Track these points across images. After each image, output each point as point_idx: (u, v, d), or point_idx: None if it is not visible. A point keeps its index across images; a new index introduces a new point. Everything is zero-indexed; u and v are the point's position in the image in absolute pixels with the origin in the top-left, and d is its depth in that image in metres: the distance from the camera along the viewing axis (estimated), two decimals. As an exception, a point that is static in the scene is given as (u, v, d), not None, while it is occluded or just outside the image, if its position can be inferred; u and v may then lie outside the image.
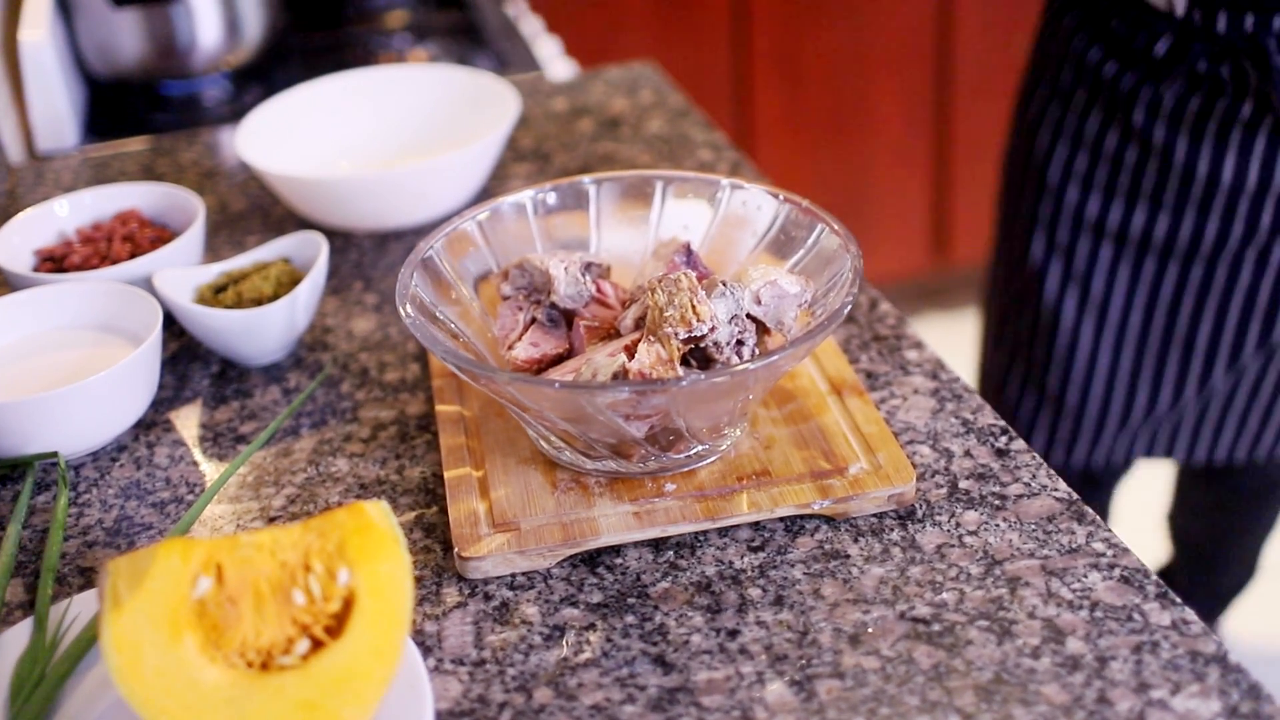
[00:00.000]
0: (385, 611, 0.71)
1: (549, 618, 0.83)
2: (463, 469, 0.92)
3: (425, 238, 0.97)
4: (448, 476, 0.92)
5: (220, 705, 0.69)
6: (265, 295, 1.08)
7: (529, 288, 0.97)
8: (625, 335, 0.92)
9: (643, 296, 0.93)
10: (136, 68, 1.79)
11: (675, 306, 0.86)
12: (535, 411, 0.86)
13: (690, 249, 0.98)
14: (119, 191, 1.25)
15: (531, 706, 0.76)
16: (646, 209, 1.03)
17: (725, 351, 0.88)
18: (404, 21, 2.10)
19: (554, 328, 0.96)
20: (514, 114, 1.35)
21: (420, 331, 0.88)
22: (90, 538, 0.93)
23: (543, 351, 0.94)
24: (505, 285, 0.98)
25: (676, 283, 0.88)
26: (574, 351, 0.94)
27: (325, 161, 1.43)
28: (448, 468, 0.93)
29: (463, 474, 0.92)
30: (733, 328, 0.89)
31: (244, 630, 0.71)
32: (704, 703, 0.76)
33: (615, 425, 0.85)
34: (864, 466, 0.90)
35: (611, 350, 0.89)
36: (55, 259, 1.18)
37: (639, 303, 0.93)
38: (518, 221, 1.02)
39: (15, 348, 1.07)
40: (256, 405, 1.06)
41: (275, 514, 0.94)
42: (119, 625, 0.68)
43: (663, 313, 0.87)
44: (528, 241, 1.02)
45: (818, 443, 0.93)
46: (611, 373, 0.85)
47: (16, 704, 0.76)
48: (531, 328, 0.96)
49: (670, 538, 0.88)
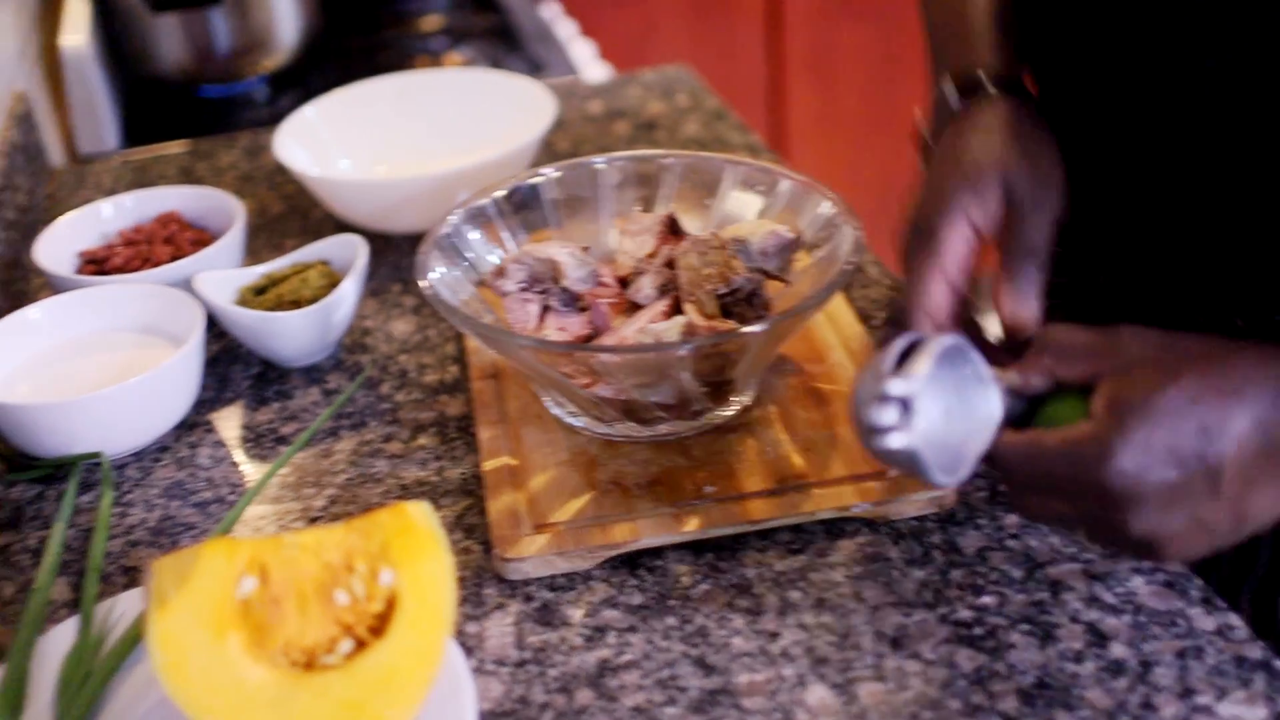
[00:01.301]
0: (428, 612, 0.71)
1: (590, 619, 0.83)
2: (500, 459, 0.93)
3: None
4: (486, 468, 0.92)
5: (264, 704, 0.69)
6: (305, 297, 1.08)
7: (530, 279, 0.98)
8: (648, 305, 0.96)
9: (649, 267, 0.98)
10: (175, 71, 1.81)
11: (711, 265, 0.92)
12: (585, 381, 0.89)
13: (674, 218, 1.03)
14: (160, 194, 1.26)
15: (573, 707, 0.77)
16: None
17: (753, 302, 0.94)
18: (440, 25, 2.11)
19: (569, 312, 0.98)
20: (550, 117, 1.35)
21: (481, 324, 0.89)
22: (134, 537, 0.94)
23: (573, 334, 0.96)
24: (504, 281, 0.98)
25: (708, 243, 0.94)
26: (598, 330, 0.96)
27: (363, 164, 1.44)
28: (485, 460, 0.93)
29: (500, 466, 0.93)
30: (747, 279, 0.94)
31: (288, 630, 0.71)
32: (745, 705, 0.76)
33: (683, 380, 0.88)
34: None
35: (648, 319, 0.93)
36: (97, 261, 1.19)
37: (650, 273, 0.97)
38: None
39: (59, 349, 1.08)
40: (297, 406, 1.07)
41: (316, 515, 0.94)
42: (165, 624, 0.69)
43: (698, 273, 0.92)
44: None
45: (857, 445, 0.93)
46: (678, 333, 0.88)
47: (64, 701, 0.77)
48: (548, 315, 0.97)
49: (710, 540, 0.88)
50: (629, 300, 0.98)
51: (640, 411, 0.92)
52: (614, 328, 0.95)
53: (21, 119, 1.46)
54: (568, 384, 0.90)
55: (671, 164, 1.08)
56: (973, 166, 0.78)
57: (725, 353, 0.88)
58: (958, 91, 0.85)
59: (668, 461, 0.93)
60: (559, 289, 0.98)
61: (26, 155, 1.44)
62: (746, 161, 1.06)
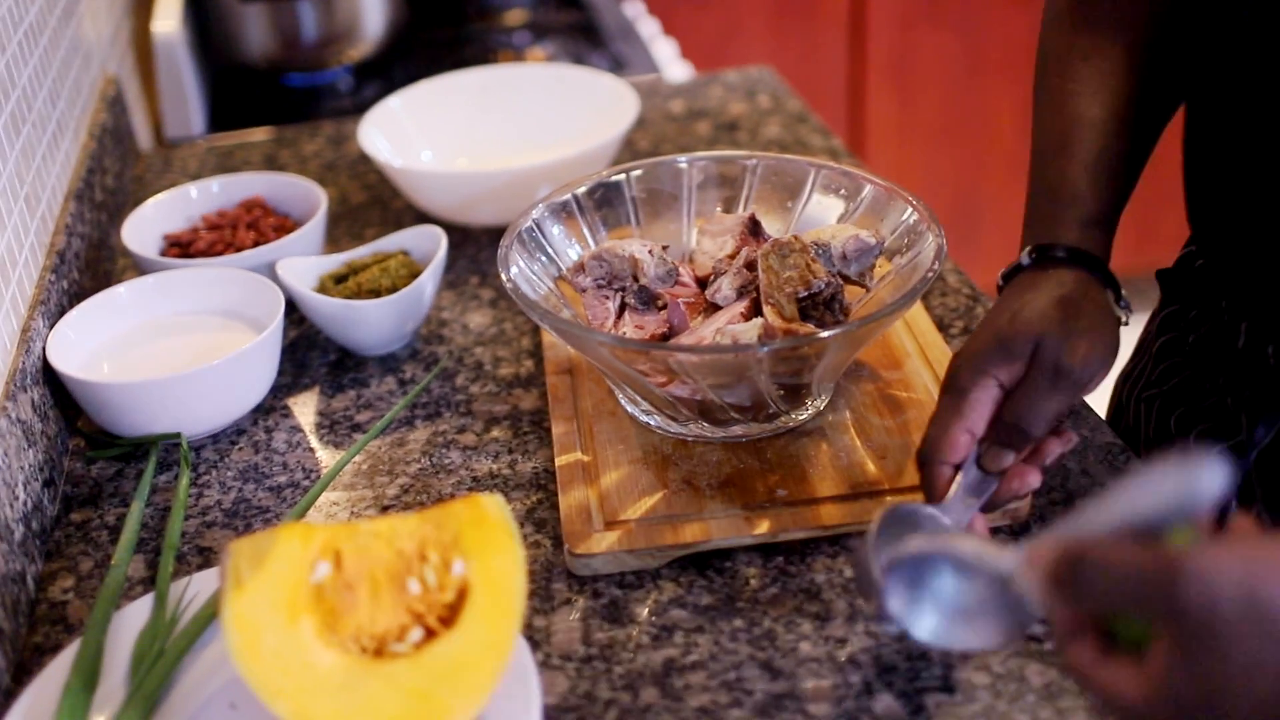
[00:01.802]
0: (498, 604, 0.71)
1: (657, 618, 0.83)
2: (573, 454, 0.94)
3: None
4: (559, 463, 0.93)
5: (334, 688, 0.70)
6: (384, 286, 1.09)
7: (608, 276, 0.98)
8: (727, 306, 0.96)
9: (729, 268, 0.98)
10: (261, 60, 1.83)
11: (792, 267, 0.92)
12: (661, 380, 0.89)
13: (756, 219, 1.03)
14: (245, 180, 1.28)
15: (638, 705, 0.77)
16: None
17: (832, 307, 0.94)
18: (523, 19, 2.12)
19: (647, 310, 0.98)
20: (633, 114, 1.35)
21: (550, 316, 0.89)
22: (209, 518, 0.95)
23: (649, 332, 0.96)
24: (583, 278, 0.99)
25: (789, 245, 0.94)
26: (675, 329, 0.96)
27: (445, 156, 1.45)
28: (558, 455, 0.94)
29: (573, 462, 0.93)
30: (827, 284, 0.94)
31: (359, 616, 0.72)
32: (811, 710, 0.75)
33: (760, 382, 0.88)
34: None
35: (726, 320, 0.93)
36: (182, 244, 1.20)
37: (730, 273, 0.97)
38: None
39: (142, 330, 1.09)
40: (372, 395, 1.07)
41: (389, 503, 0.95)
42: (239, 605, 0.70)
43: (779, 275, 0.92)
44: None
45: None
46: (756, 335, 0.88)
47: (138, 676, 0.78)
48: (626, 312, 0.98)
49: (780, 543, 0.87)
50: (707, 300, 0.98)
51: (714, 412, 0.92)
52: (692, 327, 0.95)
53: (112, 102, 1.48)
54: (643, 382, 0.90)
55: (754, 165, 1.08)
56: (1010, 326, 0.82)
57: (802, 356, 0.88)
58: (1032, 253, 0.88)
59: (740, 463, 0.92)
60: (637, 287, 0.98)
61: (115, 138, 1.46)
62: (830, 165, 1.06)
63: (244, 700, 0.77)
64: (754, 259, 0.97)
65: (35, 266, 1.08)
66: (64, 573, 0.91)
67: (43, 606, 0.88)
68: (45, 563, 0.92)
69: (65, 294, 1.12)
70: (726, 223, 1.04)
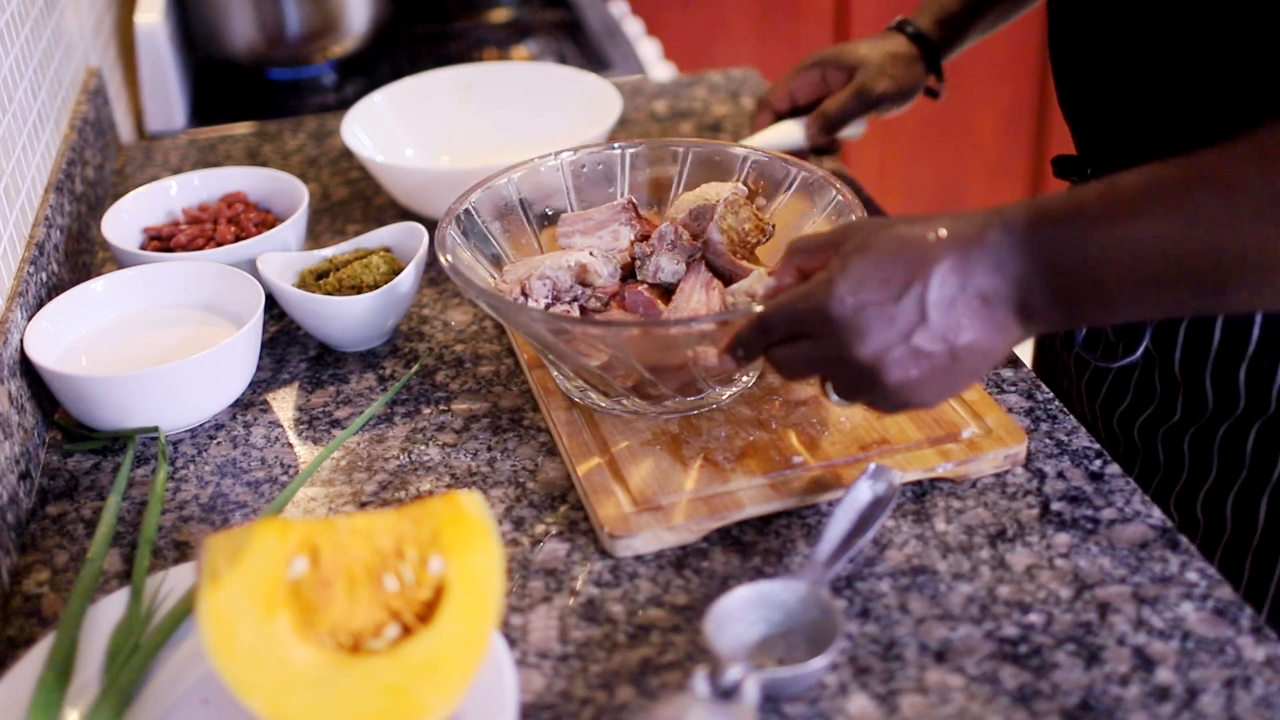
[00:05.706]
0: (475, 601, 0.72)
1: (633, 617, 0.83)
2: (591, 461, 0.94)
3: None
4: (581, 470, 0.93)
5: (309, 684, 0.69)
6: (365, 283, 1.09)
7: (554, 292, 0.98)
8: (690, 277, 0.98)
9: (652, 250, 1.00)
10: (244, 53, 1.82)
11: (745, 220, 1.00)
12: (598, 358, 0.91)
13: (634, 201, 1.06)
14: (226, 174, 1.27)
15: (614, 704, 0.77)
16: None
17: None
18: (508, 17, 2.12)
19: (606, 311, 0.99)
20: (616, 114, 1.36)
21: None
22: (186, 512, 0.95)
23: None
24: (530, 302, 0.97)
25: (735, 202, 1.00)
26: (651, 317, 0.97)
27: (427, 153, 1.45)
28: (578, 461, 0.94)
29: (593, 465, 0.94)
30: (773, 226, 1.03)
31: (336, 612, 0.72)
32: (786, 710, 0.76)
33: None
34: (975, 430, 0.94)
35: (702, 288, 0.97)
36: (162, 238, 1.20)
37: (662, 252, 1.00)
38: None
39: (121, 323, 1.09)
40: (352, 391, 1.07)
41: (367, 499, 0.95)
42: (216, 600, 0.70)
43: (739, 231, 0.99)
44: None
45: (927, 411, 0.95)
46: (761, 291, 0.89)
47: (112, 670, 0.78)
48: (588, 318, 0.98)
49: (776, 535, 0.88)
50: (649, 284, 1.00)
51: (647, 388, 0.94)
52: (665, 311, 0.97)
53: (94, 94, 1.48)
54: (579, 360, 0.91)
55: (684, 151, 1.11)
56: (852, 48, 1.28)
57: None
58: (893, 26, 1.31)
59: (750, 436, 0.95)
60: (590, 292, 0.98)
61: (97, 130, 1.46)
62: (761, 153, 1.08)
63: (218, 696, 0.77)
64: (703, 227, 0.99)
65: (14, 258, 1.08)
66: (39, 566, 0.91)
67: (17, 600, 0.88)
68: (20, 555, 0.92)
69: (44, 286, 1.11)
70: (596, 216, 1.05)
